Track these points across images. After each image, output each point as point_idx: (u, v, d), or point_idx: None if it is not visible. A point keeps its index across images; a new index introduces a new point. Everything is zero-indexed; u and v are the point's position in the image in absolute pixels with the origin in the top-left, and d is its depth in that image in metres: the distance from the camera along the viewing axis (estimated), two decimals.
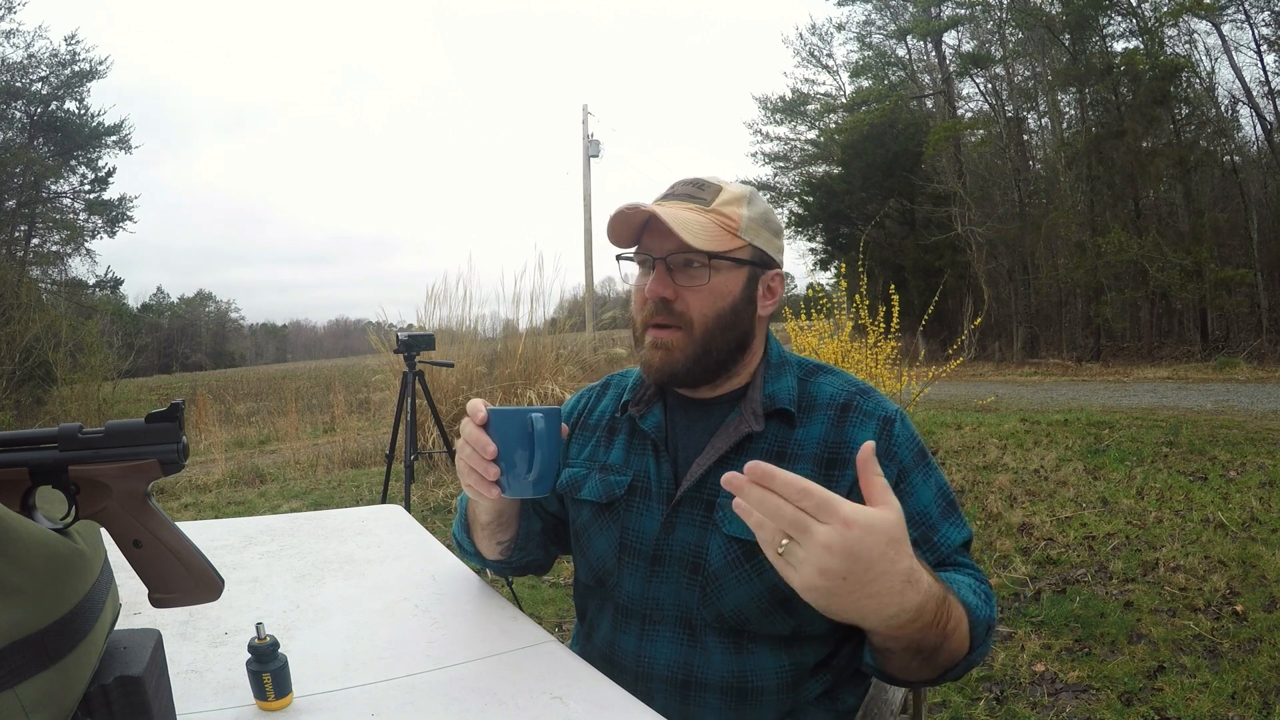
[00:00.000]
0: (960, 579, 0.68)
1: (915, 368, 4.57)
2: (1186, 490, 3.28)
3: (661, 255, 0.74)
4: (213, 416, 8.38)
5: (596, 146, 15.08)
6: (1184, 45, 10.21)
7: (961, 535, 0.74)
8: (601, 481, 0.81)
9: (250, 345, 49.23)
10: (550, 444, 0.67)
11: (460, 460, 0.71)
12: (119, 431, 0.47)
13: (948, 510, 0.74)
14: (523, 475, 0.67)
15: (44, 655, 0.37)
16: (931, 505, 0.73)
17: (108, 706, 0.43)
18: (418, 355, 2.68)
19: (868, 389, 0.78)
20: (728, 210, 0.75)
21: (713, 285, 0.74)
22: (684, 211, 0.73)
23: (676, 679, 0.74)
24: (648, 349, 0.76)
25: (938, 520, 0.73)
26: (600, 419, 0.86)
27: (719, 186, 0.76)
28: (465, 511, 0.86)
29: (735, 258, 0.74)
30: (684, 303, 0.74)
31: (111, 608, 0.46)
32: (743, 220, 0.75)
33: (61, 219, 13.44)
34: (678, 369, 0.75)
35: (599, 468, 0.83)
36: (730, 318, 0.75)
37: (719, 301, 0.74)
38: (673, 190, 0.78)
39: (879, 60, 14.14)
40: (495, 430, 0.68)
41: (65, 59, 12.63)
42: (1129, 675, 1.81)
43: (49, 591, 0.38)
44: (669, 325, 0.75)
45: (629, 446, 0.82)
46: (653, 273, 0.75)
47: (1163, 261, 9.61)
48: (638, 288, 0.78)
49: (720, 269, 0.74)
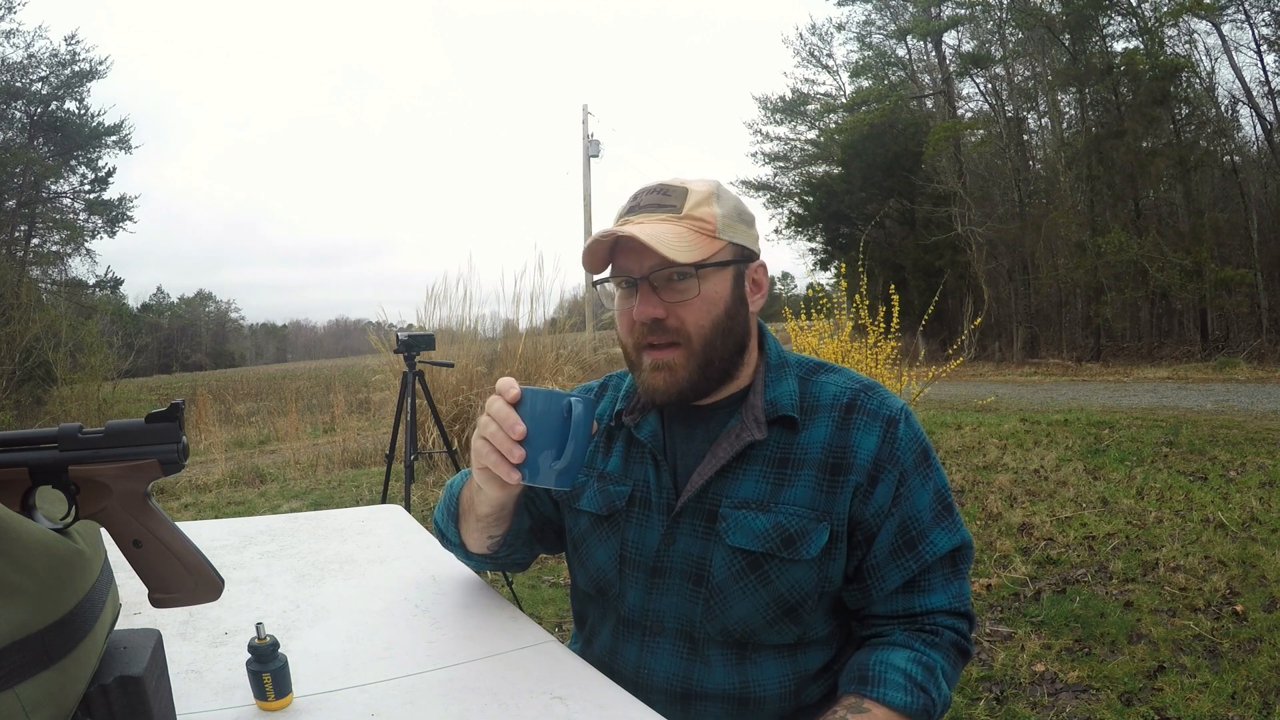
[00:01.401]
0: (895, 664, 0.68)
1: (915, 368, 4.57)
2: (1186, 490, 3.28)
3: (642, 274, 0.71)
4: (213, 416, 8.37)
5: (596, 146, 15.11)
6: (1184, 45, 10.22)
7: (951, 541, 0.72)
8: (601, 492, 0.79)
9: (250, 345, 49.28)
10: (583, 433, 0.63)
11: (481, 439, 0.64)
12: (119, 431, 0.47)
13: (942, 514, 0.73)
14: (550, 463, 0.63)
15: (44, 655, 0.37)
16: (925, 510, 0.72)
17: (108, 706, 0.43)
18: (418, 355, 2.68)
19: (872, 385, 0.76)
20: (700, 213, 0.71)
21: (704, 295, 0.71)
22: (657, 225, 0.70)
23: (676, 691, 0.74)
24: (648, 372, 0.72)
25: (928, 526, 0.72)
26: (598, 423, 0.84)
27: (684, 189, 0.73)
28: (456, 499, 0.82)
29: (719, 261, 0.71)
30: (677, 318, 0.71)
31: (111, 608, 0.45)
32: (718, 220, 0.72)
33: (61, 219, 13.45)
34: (684, 387, 0.72)
35: (597, 476, 0.80)
36: (726, 323, 0.72)
37: (713, 309, 0.71)
38: (638, 202, 0.74)
39: (879, 60, 14.14)
40: (528, 411, 0.63)
41: (65, 59, 12.65)
42: (1129, 675, 1.81)
43: (49, 591, 0.38)
44: (666, 344, 0.71)
45: (627, 455, 0.79)
46: (635, 293, 0.71)
47: (1163, 261, 9.61)
48: (622, 311, 0.74)
49: (707, 276, 0.71)
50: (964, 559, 0.74)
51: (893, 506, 0.72)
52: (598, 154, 15.11)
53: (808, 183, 15.39)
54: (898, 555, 0.71)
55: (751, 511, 0.71)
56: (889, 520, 0.72)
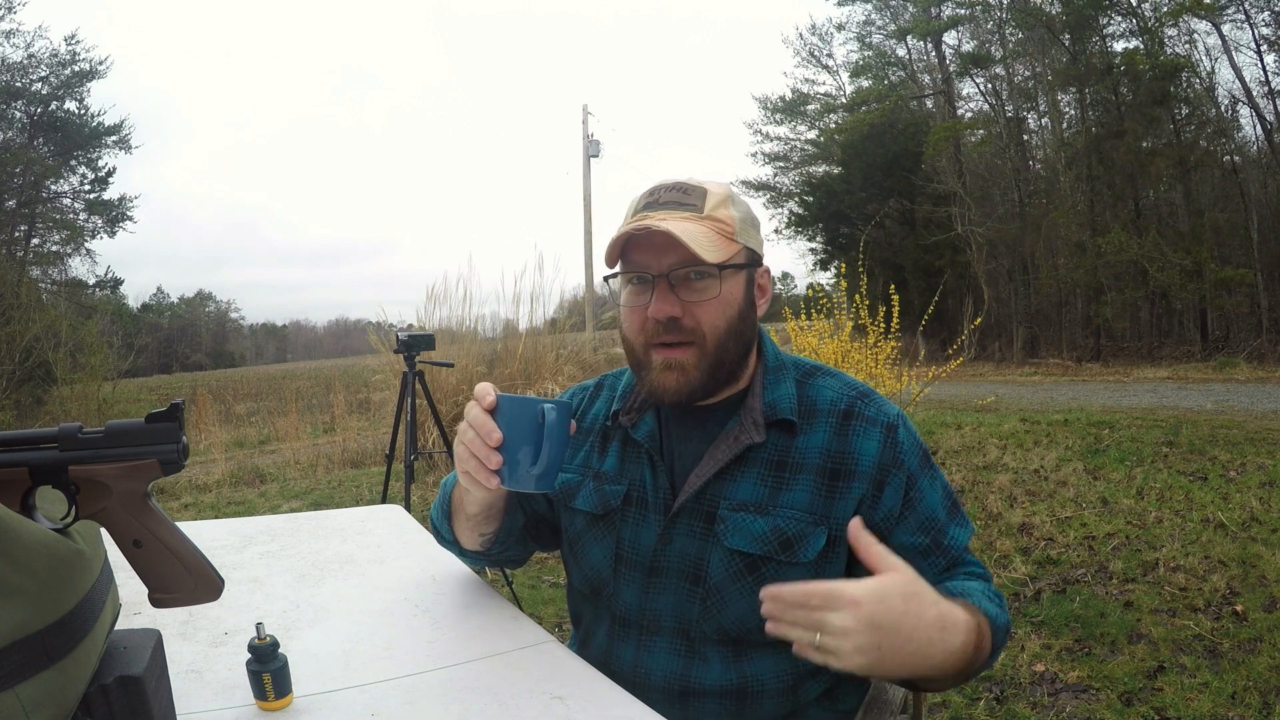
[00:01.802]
0: (973, 586, 0.69)
1: (915, 368, 4.57)
2: (1186, 490, 3.27)
3: (661, 271, 0.70)
4: (213, 416, 8.34)
5: (596, 146, 15.06)
6: (1184, 45, 10.22)
7: (967, 534, 0.74)
8: (596, 491, 0.79)
9: (250, 345, 49.18)
10: (559, 438, 0.65)
11: (461, 444, 0.66)
12: (119, 431, 0.47)
13: (953, 510, 0.75)
14: (527, 468, 0.65)
15: (44, 655, 0.37)
16: (939, 508, 0.73)
17: (108, 706, 0.43)
18: (418, 355, 2.68)
19: (867, 391, 0.77)
20: (720, 214, 0.71)
21: (722, 296, 0.71)
22: (683, 222, 0.70)
23: (674, 689, 0.74)
24: (658, 370, 0.71)
25: (945, 522, 0.73)
26: (594, 422, 0.83)
27: (703, 189, 0.73)
28: (449, 498, 0.83)
29: (737, 263, 0.72)
30: (693, 318, 0.70)
31: (111, 608, 0.46)
32: (736, 223, 0.72)
33: (61, 219, 13.42)
34: (694, 387, 0.71)
35: (593, 475, 0.80)
36: (739, 325, 0.72)
37: (728, 310, 0.71)
38: (657, 198, 0.73)
39: (879, 60, 14.14)
40: (504, 417, 0.65)
41: (65, 59, 12.62)
42: (1129, 675, 1.81)
43: (49, 591, 0.38)
44: (679, 343, 0.70)
45: (623, 455, 0.79)
46: (648, 290, 0.71)
47: (1163, 261, 9.61)
48: (632, 307, 0.72)
49: (727, 277, 0.71)
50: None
51: (904, 509, 0.72)
52: (598, 154, 15.07)
53: (808, 183, 15.39)
54: (928, 555, 0.72)
55: (750, 514, 0.72)
56: (903, 523, 0.73)
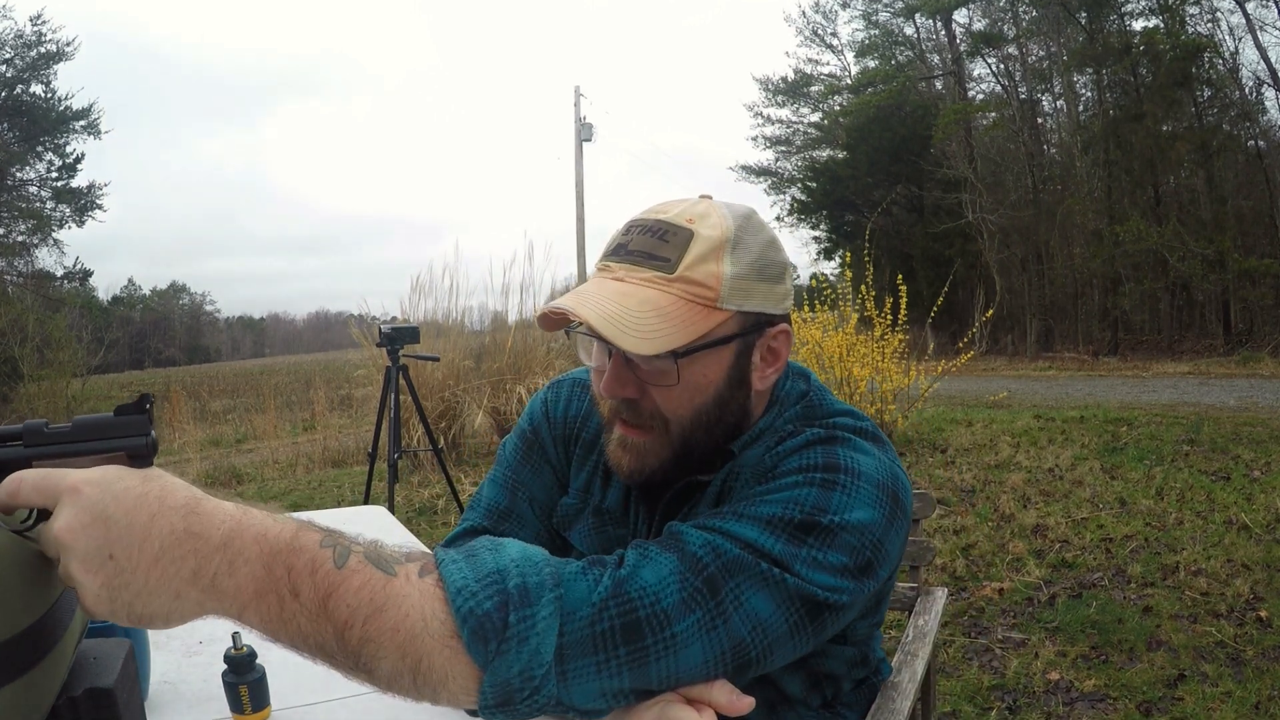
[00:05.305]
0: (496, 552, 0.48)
1: (924, 362, 4.50)
2: (1208, 490, 3.21)
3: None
4: (187, 414, 8.16)
5: (589, 130, 14.78)
6: (1206, 24, 9.97)
7: (747, 532, 0.53)
8: (598, 531, 0.70)
9: (226, 339, 47.82)
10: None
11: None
12: (87, 425, 0.45)
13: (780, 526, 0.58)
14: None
15: (10, 668, 0.37)
16: (725, 517, 0.59)
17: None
18: (402, 349, 2.65)
19: (840, 433, 0.59)
20: (700, 274, 0.55)
21: (686, 382, 0.56)
22: (633, 290, 0.55)
23: None
24: (615, 445, 0.61)
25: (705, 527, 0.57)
26: (597, 436, 0.70)
27: (690, 232, 0.56)
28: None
29: (712, 340, 0.56)
30: (652, 401, 0.58)
31: (80, 617, 0.45)
32: (724, 284, 0.56)
33: (27, 208, 12.96)
34: (652, 473, 0.60)
35: (593, 510, 0.70)
36: (715, 412, 0.59)
37: (697, 397, 0.58)
38: (626, 242, 0.58)
39: (886, 39, 13.89)
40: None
41: (31, 40, 12.22)
42: (1148, 684, 1.77)
43: (12, 601, 0.37)
44: (638, 425, 0.59)
45: (627, 491, 0.68)
46: (609, 355, 0.58)
47: (1184, 251, 9.42)
48: (595, 369, 0.61)
49: (695, 360, 0.56)
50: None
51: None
52: (590, 138, 14.76)
53: (811, 168, 15.16)
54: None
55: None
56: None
